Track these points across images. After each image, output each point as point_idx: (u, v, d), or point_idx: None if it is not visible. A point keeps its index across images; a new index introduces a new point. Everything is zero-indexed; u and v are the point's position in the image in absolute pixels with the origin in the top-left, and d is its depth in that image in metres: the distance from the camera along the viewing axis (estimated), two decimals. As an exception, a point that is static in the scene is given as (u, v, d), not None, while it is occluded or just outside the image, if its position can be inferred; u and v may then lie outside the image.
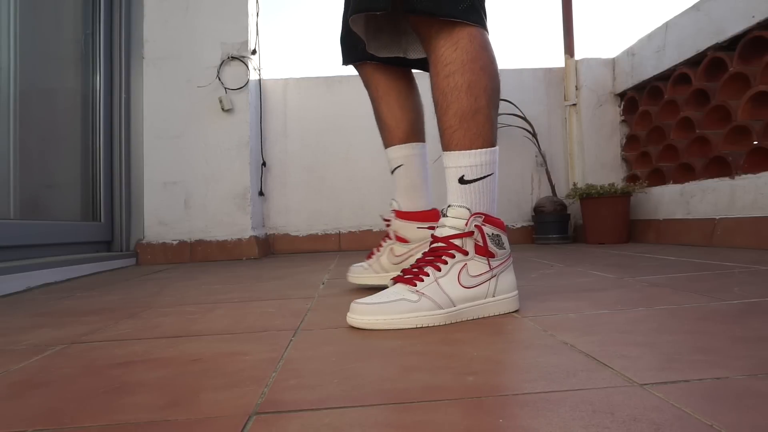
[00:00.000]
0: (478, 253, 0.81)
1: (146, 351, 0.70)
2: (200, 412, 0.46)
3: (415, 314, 0.76)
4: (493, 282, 0.83)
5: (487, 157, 0.84)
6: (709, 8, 2.12)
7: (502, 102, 2.87)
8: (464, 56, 0.83)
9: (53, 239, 1.92)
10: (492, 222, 0.83)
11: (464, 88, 0.83)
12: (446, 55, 0.84)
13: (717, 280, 1.08)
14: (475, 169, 0.83)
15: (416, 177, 1.11)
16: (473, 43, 0.84)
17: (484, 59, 0.84)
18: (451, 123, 0.84)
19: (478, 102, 0.83)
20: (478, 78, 0.83)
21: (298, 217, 2.88)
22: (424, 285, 0.79)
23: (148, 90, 2.53)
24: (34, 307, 1.18)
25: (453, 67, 0.83)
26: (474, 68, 0.83)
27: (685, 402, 0.42)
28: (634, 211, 2.58)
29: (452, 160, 0.84)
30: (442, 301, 0.78)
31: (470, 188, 0.83)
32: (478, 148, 0.83)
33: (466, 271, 0.81)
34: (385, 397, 0.47)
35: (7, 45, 1.83)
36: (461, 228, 0.81)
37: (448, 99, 0.84)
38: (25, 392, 0.54)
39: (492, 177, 0.85)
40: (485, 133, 0.84)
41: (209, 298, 1.18)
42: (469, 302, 0.81)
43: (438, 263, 0.80)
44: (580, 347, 0.61)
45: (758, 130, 1.89)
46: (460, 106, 0.83)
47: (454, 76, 0.83)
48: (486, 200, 0.84)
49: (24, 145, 1.89)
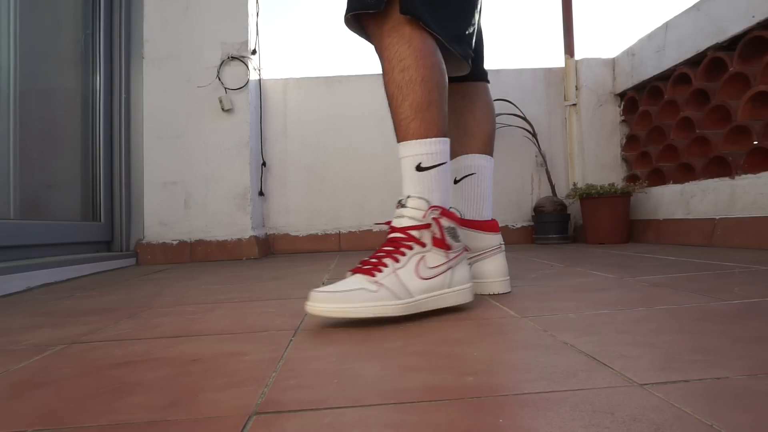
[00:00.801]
0: (435, 245, 0.83)
1: (146, 351, 0.70)
2: (200, 412, 0.46)
3: (374, 304, 0.78)
4: (449, 274, 0.85)
5: (441, 146, 0.88)
6: (709, 8, 2.12)
7: (502, 102, 2.89)
8: (417, 53, 0.88)
9: (53, 239, 1.92)
10: (449, 215, 0.86)
11: (419, 81, 0.87)
12: (401, 51, 0.88)
13: (717, 280, 1.08)
14: (431, 156, 0.87)
15: (485, 189, 1.13)
16: (425, 42, 0.89)
17: (433, 58, 0.89)
18: (407, 113, 0.88)
19: (432, 95, 0.88)
20: (431, 73, 0.88)
21: (298, 217, 2.88)
22: (383, 276, 0.80)
23: (148, 90, 2.53)
24: (34, 307, 1.18)
25: (408, 62, 0.87)
26: (426, 64, 0.88)
27: (685, 402, 0.42)
28: (634, 211, 2.58)
29: (409, 149, 0.88)
30: (401, 292, 0.80)
31: (427, 175, 0.86)
32: (433, 136, 0.87)
33: (424, 263, 0.83)
34: (385, 397, 0.47)
35: (7, 45, 1.83)
36: (419, 219, 0.83)
37: (404, 91, 0.88)
38: (25, 392, 0.54)
39: (445, 167, 0.89)
40: (438, 124, 0.88)
41: (209, 298, 1.18)
42: (427, 293, 0.83)
43: (396, 255, 0.82)
44: (580, 347, 0.61)
45: (758, 130, 1.89)
46: (415, 97, 0.87)
47: (409, 70, 0.87)
48: (441, 187, 0.88)
49: (24, 145, 1.89)
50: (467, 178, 1.11)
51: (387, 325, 0.79)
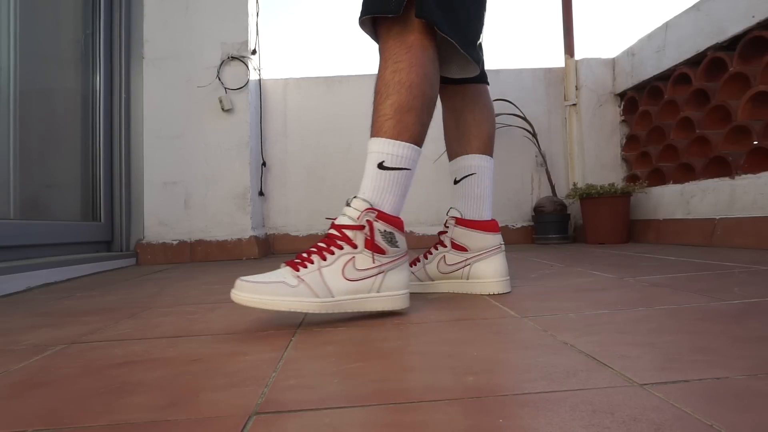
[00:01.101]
0: (367, 248, 0.83)
1: (146, 351, 0.70)
2: (200, 412, 0.46)
3: (290, 299, 0.78)
4: (380, 278, 0.84)
5: (409, 151, 0.88)
6: (709, 8, 2.12)
7: (502, 102, 2.89)
8: (414, 60, 0.89)
9: (53, 239, 1.92)
10: (387, 219, 0.85)
11: (407, 85, 0.88)
12: (400, 53, 0.89)
13: (717, 280, 1.08)
14: (395, 158, 0.87)
15: (485, 189, 1.12)
16: (425, 53, 0.90)
17: (428, 69, 0.90)
18: (386, 111, 0.88)
19: (415, 101, 0.88)
20: (420, 82, 0.89)
21: (298, 217, 2.88)
22: (306, 272, 0.80)
23: (148, 90, 2.53)
24: (34, 307, 1.18)
25: (401, 65, 0.88)
26: (419, 72, 0.89)
27: (685, 402, 0.42)
28: (634, 211, 2.58)
29: (377, 145, 0.88)
30: (320, 291, 0.80)
31: (386, 175, 0.87)
32: (404, 140, 0.87)
33: (352, 264, 0.82)
34: (385, 397, 0.47)
35: (7, 45, 1.83)
36: (355, 220, 0.84)
37: (390, 90, 0.88)
38: (25, 392, 0.54)
39: (408, 173, 0.89)
40: (413, 131, 0.88)
41: (209, 298, 1.18)
42: (350, 295, 0.82)
43: (325, 252, 0.82)
44: (580, 347, 0.61)
45: (758, 130, 1.89)
46: (399, 98, 0.87)
47: (401, 73, 0.88)
48: (397, 192, 0.87)
49: (24, 145, 1.89)
50: (467, 178, 1.11)
51: (387, 325, 0.80)
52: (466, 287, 1.07)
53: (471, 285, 1.07)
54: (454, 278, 1.08)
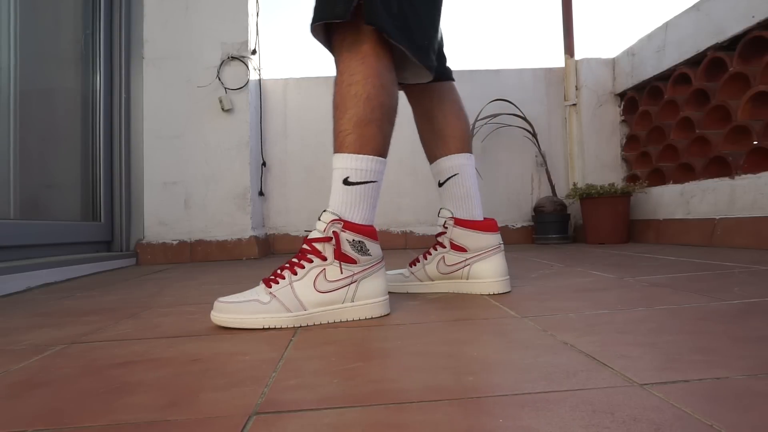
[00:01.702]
0: (337, 259, 0.84)
1: (146, 351, 0.70)
2: (200, 412, 0.46)
3: (263, 315, 0.80)
4: (353, 288, 0.85)
5: (373, 164, 0.88)
6: (709, 8, 2.12)
7: (502, 102, 2.88)
8: (368, 71, 0.88)
9: (53, 239, 1.92)
10: (355, 228, 0.85)
11: (363, 98, 0.87)
12: (354, 65, 0.88)
13: (717, 280, 1.08)
14: (360, 172, 0.87)
15: (471, 187, 1.11)
16: (379, 62, 0.89)
17: (385, 78, 0.89)
18: (345, 126, 0.88)
19: (374, 113, 0.87)
20: (378, 92, 0.88)
21: (298, 217, 2.88)
22: (277, 288, 0.82)
23: (148, 90, 2.53)
24: (34, 307, 1.18)
25: (357, 77, 0.88)
26: (375, 83, 0.88)
27: (685, 402, 0.42)
28: (634, 211, 2.58)
29: (340, 161, 0.88)
30: (292, 305, 0.81)
31: (352, 190, 0.87)
32: (366, 153, 0.87)
33: (323, 276, 0.83)
34: (385, 397, 0.47)
35: (7, 45, 1.83)
36: (322, 232, 0.84)
37: (347, 104, 0.88)
38: (25, 392, 0.54)
39: (375, 185, 0.89)
40: (375, 143, 0.88)
41: (209, 298, 1.18)
42: (323, 307, 0.83)
43: (296, 267, 0.84)
44: (580, 347, 0.61)
45: (758, 130, 1.89)
46: (356, 112, 0.87)
47: (356, 86, 0.87)
48: (365, 205, 0.88)
49: (24, 145, 1.89)
50: (451, 179, 1.11)
51: (387, 325, 0.80)
52: (466, 287, 1.07)
53: (471, 285, 1.07)
54: (453, 278, 1.08)
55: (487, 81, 2.93)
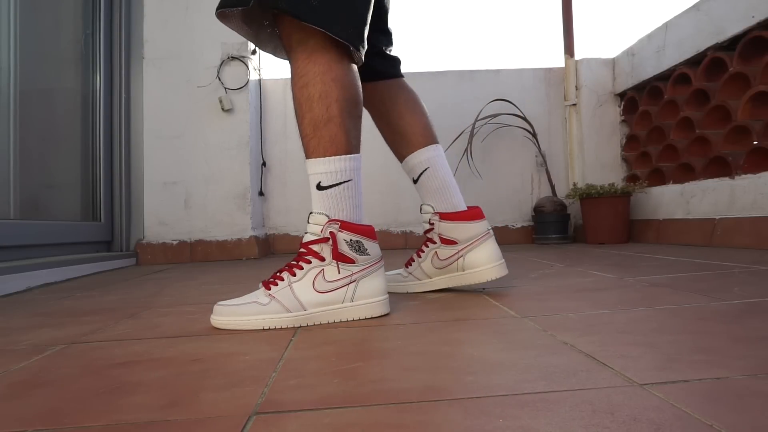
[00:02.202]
0: (335, 259, 0.83)
1: (146, 351, 0.70)
2: (200, 412, 0.46)
3: (262, 316, 0.81)
4: (352, 287, 0.84)
5: (342, 164, 0.86)
6: (709, 8, 2.12)
7: (502, 102, 2.88)
8: (317, 68, 0.86)
9: (53, 239, 1.92)
10: (351, 228, 0.84)
11: (316, 98, 0.85)
12: (302, 66, 0.86)
13: (717, 280, 1.08)
14: (330, 175, 0.86)
15: (445, 176, 1.10)
16: (326, 55, 0.86)
17: (336, 71, 0.86)
18: (306, 131, 0.87)
19: (330, 111, 0.86)
20: (330, 89, 0.86)
21: (298, 217, 2.88)
22: (277, 289, 0.83)
23: (148, 90, 2.53)
24: (34, 307, 1.18)
25: (307, 78, 0.86)
26: (325, 79, 0.85)
27: (685, 402, 0.42)
28: (634, 211, 2.58)
29: (310, 167, 0.87)
30: (292, 305, 0.81)
31: (327, 194, 0.86)
32: (331, 155, 0.86)
33: (322, 277, 0.83)
34: (385, 397, 0.47)
35: (7, 45, 1.83)
36: (318, 234, 0.84)
37: (303, 108, 0.87)
38: (25, 392, 0.54)
39: (350, 183, 0.87)
40: (338, 142, 0.86)
41: (209, 298, 1.18)
42: (323, 307, 0.83)
43: (295, 268, 0.84)
44: (580, 347, 0.61)
45: (758, 130, 1.89)
46: (313, 115, 0.86)
47: (308, 87, 0.86)
48: (346, 206, 0.86)
49: (24, 145, 1.89)
50: (423, 174, 1.10)
51: (387, 325, 0.80)
52: (464, 279, 1.07)
53: (468, 276, 1.06)
54: (450, 272, 1.08)
55: (487, 81, 2.93)
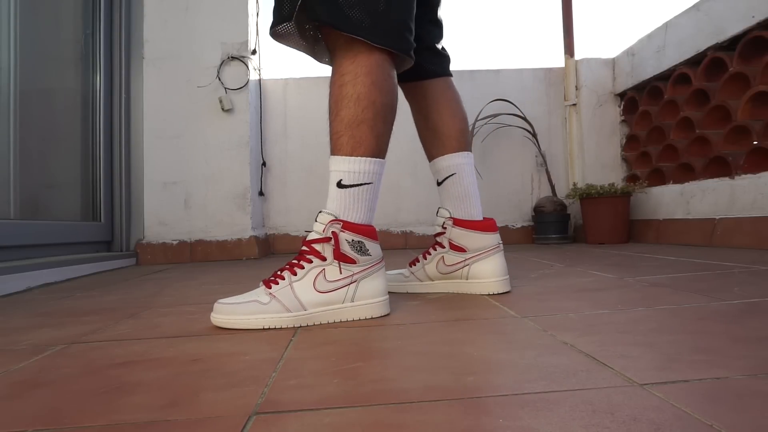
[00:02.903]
0: (336, 259, 0.83)
1: (146, 351, 0.70)
2: (200, 412, 0.46)
3: (263, 316, 0.80)
4: (353, 288, 0.84)
5: (366, 166, 0.87)
6: (709, 8, 2.12)
7: (502, 102, 2.88)
8: (359, 69, 0.86)
9: (53, 239, 1.92)
10: (354, 228, 0.84)
11: (354, 98, 0.86)
12: (345, 65, 0.87)
13: (717, 280, 1.08)
14: (353, 175, 0.86)
15: (469, 186, 1.09)
16: (370, 58, 0.86)
17: (376, 74, 0.87)
18: (338, 129, 0.87)
19: (365, 113, 0.86)
20: (369, 91, 0.86)
21: (298, 217, 2.88)
22: (277, 288, 0.82)
23: (148, 90, 2.53)
24: (34, 307, 1.18)
25: (347, 78, 0.87)
26: (366, 81, 0.86)
27: (685, 402, 0.42)
28: (634, 211, 2.58)
29: (334, 164, 0.88)
30: (292, 305, 0.81)
31: (346, 193, 0.86)
32: (359, 155, 0.86)
33: (323, 276, 0.83)
34: (385, 397, 0.47)
35: (7, 45, 1.83)
36: (321, 233, 0.84)
37: (339, 106, 0.87)
38: (25, 392, 0.54)
39: (370, 186, 0.88)
40: (367, 144, 0.87)
41: (209, 298, 1.18)
42: (323, 307, 0.83)
43: (296, 267, 0.84)
44: (580, 347, 0.61)
45: (758, 130, 1.89)
46: (347, 113, 0.86)
47: (347, 86, 0.86)
48: (361, 207, 0.87)
49: (24, 145, 1.89)
50: (449, 179, 1.10)
51: (387, 325, 0.80)
52: (466, 287, 1.07)
53: (470, 285, 1.07)
54: (453, 278, 1.08)
55: (487, 81, 2.93)
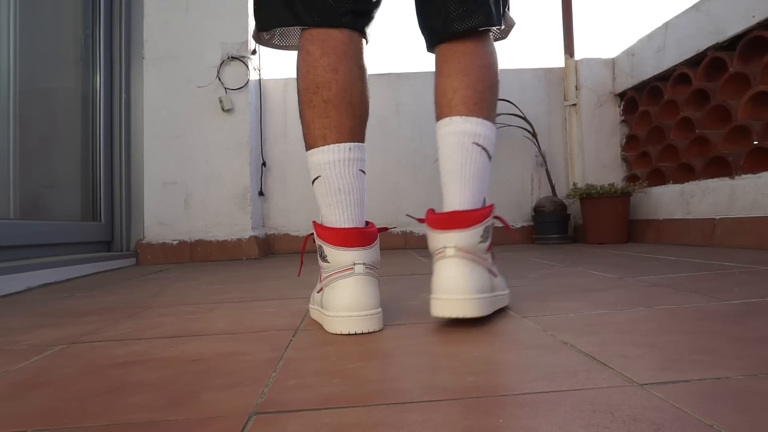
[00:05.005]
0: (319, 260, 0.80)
1: (146, 351, 0.70)
2: (200, 412, 0.46)
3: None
4: (323, 293, 0.79)
5: (310, 160, 0.84)
6: (709, 8, 2.12)
7: (502, 102, 2.88)
8: (298, 63, 0.82)
9: (53, 239, 1.92)
10: (318, 230, 0.79)
11: (299, 92, 0.82)
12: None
13: (717, 280, 1.08)
14: (312, 170, 0.85)
15: (443, 164, 0.88)
16: (301, 48, 0.82)
17: (297, 60, 0.83)
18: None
19: (300, 103, 0.82)
20: (300, 81, 0.82)
21: (298, 217, 2.88)
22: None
23: (148, 90, 2.53)
24: (34, 307, 1.18)
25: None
26: (301, 72, 0.81)
27: (685, 402, 0.42)
28: (634, 211, 2.58)
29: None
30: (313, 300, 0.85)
31: (314, 190, 0.86)
32: (308, 149, 0.84)
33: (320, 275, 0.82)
34: (385, 397, 0.47)
35: (7, 45, 1.83)
36: None
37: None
38: (25, 392, 0.54)
39: (318, 180, 0.82)
40: (306, 137, 0.83)
41: (209, 298, 1.18)
42: (318, 306, 0.82)
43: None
44: (580, 347, 0.61)
45: (758, 130, 1.89)
46: (300, 110, 0.82)
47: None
48: (322, 204, 0.83)
49: (24, 145, 1.89)
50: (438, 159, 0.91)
51: (387, 325, 0.80)
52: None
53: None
54: None
55: (487, 81, 2.92)
